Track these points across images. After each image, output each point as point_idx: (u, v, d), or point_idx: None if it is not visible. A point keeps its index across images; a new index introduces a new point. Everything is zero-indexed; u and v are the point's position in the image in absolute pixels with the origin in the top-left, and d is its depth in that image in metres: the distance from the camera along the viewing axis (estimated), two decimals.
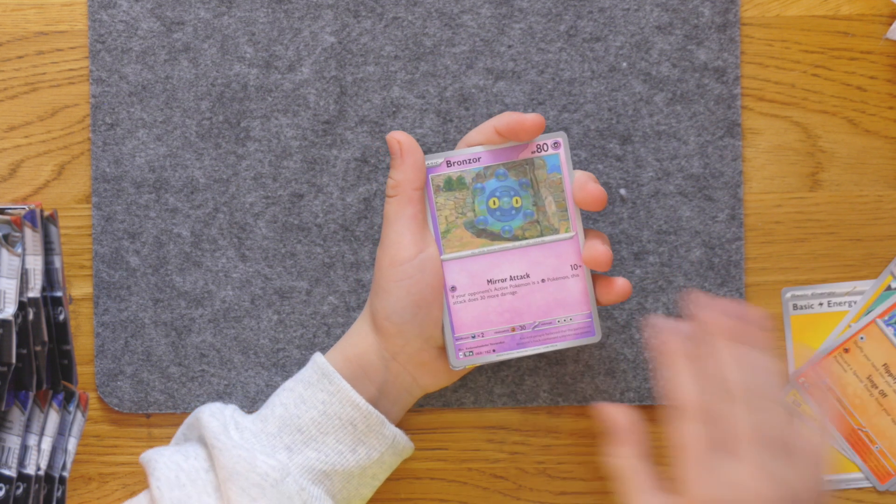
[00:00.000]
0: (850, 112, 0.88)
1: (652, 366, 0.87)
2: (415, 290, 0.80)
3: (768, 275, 0.88)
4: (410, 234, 0.80)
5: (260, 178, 0.88)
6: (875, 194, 0.88)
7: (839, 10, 0.88)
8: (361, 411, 0.81)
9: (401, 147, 0.81)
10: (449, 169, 0.81)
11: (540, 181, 0.82)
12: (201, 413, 0.82)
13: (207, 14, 0.88)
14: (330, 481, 0.81)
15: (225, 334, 0.88)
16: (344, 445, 0.81)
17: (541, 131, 0.80)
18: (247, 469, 0.79)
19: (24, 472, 0.83)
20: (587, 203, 0.81)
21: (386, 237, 0.81)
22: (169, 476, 0.80)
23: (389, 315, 0.80)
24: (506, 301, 0.82)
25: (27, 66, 0.88)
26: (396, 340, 0.81)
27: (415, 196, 0.81)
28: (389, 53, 0.88)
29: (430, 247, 0.81)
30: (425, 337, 0.81)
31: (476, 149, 0.81)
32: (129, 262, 0.88)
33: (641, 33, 0.87)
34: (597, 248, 0.81)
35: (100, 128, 0.88)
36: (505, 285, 0.82)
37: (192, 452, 0.81)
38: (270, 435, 0.81)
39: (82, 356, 0.88)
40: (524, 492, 0.88)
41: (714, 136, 0.87)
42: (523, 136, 0.80)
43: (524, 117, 0.80)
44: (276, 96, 0.88)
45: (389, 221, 0.81)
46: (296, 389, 0.82)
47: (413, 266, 0.80)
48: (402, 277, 0.80)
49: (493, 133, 0.81)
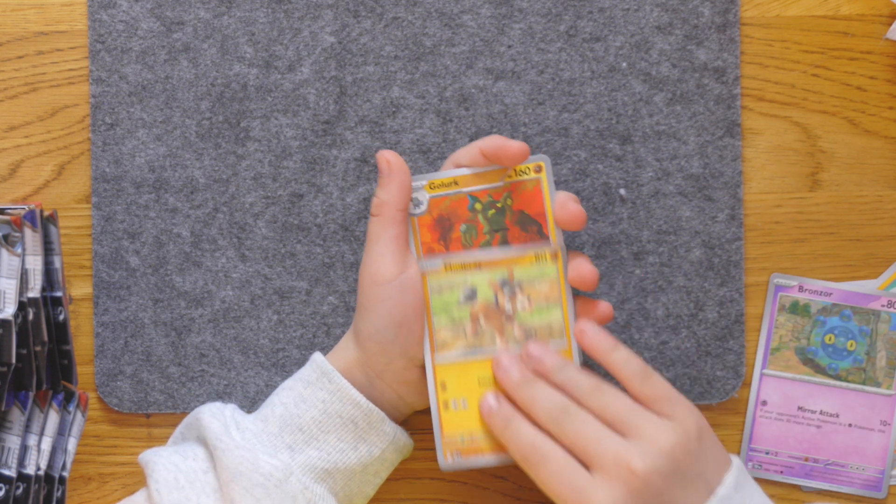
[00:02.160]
0: (850, 112, 0.88)
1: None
2: (396, 311, 0.80)
3: (768, 275, 0.88)
4: (391, 255, 0.80)
5: (260, 178, 0.88)
6: (875, 194, 0.88)
7: (839, 10, 0.88)
8: (362, 409, 0.81)
9: (390, 167, 0.81)
10: (800, 294, 0.84)
11: (879, 334, 0.84)
12: (201, 414, 0.82)
13: (207, 14, 0.88)
14: (332, 479, 0.81)
15: (225, 334, 0.88)
16: (345, 443, 0.81)
17: (524, 158, 0.80)
18: (250, 469, 0.79)
19: (24, 472, 0.83)
20: (568, 222, 0.80)
21: (367, 256, 0.81)
22: (167, 478, 0.80)
23: (372, 334, 0.81)
24: (807, 431, 0.85)
25: (27, 66, 0.88)
26: (380, 359, 0.81)
27: (398, 217, 0.81)
28: (389, 53, 0.88)
29: (410, 267, 0.81)
30: (409, 356, 0.81)
31: (455, 171, 0.81)
32: (129, 262, 0.88)
33: (641, 33, 0.87)
34: (584, 266, 0.80)
35: (100, 128, 0.88)
36: (812, 416, 0.85)
37: (190, 453, 0.81)
38: (272, 435, 0.81)
39: (82, 356, 0.88)
40: (524, 492, 0.88)
41: (714, 136, 0.87)
42: (506, 162, 0.80)
43: (508, 143, 0.80)
44: (276, 96, 0.88)
45: (371, 241, 0.81)
46: (295, 388, 0.82)
47: (393, 287, 0.80)
48: (383, 298, 0.80)
49: (478, 154, 0.81)
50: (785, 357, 0.84)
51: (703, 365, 0.87)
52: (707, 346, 0.87)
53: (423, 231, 0.81)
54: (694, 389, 0.87)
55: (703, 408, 0.88)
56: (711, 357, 0.87)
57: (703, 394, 0.87)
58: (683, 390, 0.87)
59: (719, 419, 0.88)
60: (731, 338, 0.87)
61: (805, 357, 0.84)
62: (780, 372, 0.83)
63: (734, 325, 0.87)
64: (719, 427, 0.87)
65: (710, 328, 0.87)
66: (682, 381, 0.87)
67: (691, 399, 0.87)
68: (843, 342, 0.84)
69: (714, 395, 0.87)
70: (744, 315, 0.87)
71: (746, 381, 0.88)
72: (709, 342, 0.87)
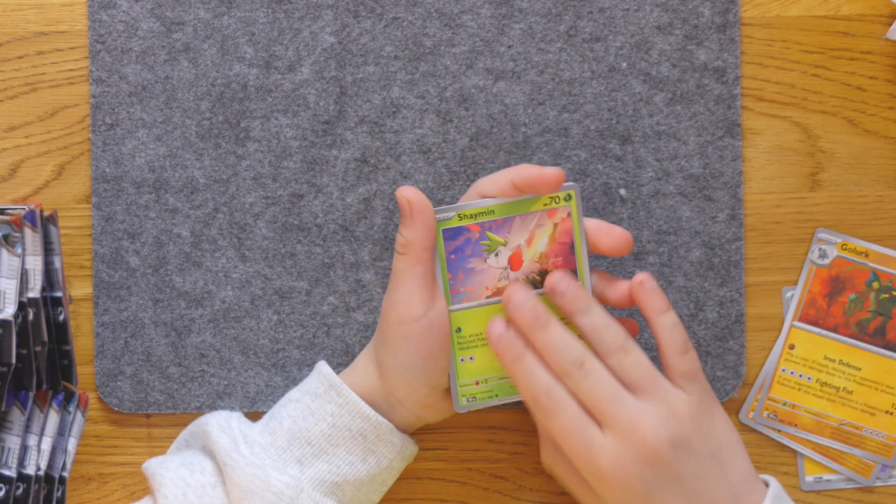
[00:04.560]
0: (849, 112, 0.88)
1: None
2: (423, 348, 0.80)
3: (768, 275, 0.88)
4: (419, 294, 0.79)
5: (260, 179, 0.88)
6: (875, 194, 0.88)
7: (839, 10, 0.88)
8: (371, 422, 0.81)
9: (411, 207, 0.79)
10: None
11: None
12: (209, 427, 0.82)
13: (207, 14, 0.88)
14: (342, 492, 0.81)
15: (225, 334, 0.88)
16: (354, 456, 0.81)
17: (561, 184, 0.79)
18: (261, 488, 0.79)
19: (24, 472, 0.83)
20: (617, 248, 0.79)
21: (393, 294, 0.80)
22: (176, 493, 0.80)
23: (396, 368, 0.80)
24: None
25: (27, 66, 0.88)
26: (403, 390, 0.81)
27: (424, 256, 0.79)
28: (389, 53, 0.88)
29: (437, 302, 0.80)
30: (433, 385, 0.81)
31: (488, 201, 0.80)
32: (129, 262, 0.88)
33: (641, 33, 0.87)
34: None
35: (100, 128, 0.88)
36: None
37: (197, 466, 0.81)
38: (280, 449, 0.81)
39: (82, 356, 0.88)
40: (524, 492, 0.88)
41: (714, 137, 0.87)
42: (543, 190, 0.79)
43: (544, 172, 0.78)
44: (276, 96, 0.88)
45: (398, 278, 0.80)
46: (303, 401, 0.82)
47: (422, 325, 0.79)
48: (410, 336, 0.79)
49: (509, 186, 0.79)
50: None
51: (703, 365, 0.87)
52: (707, 346, 0.87)
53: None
54: None
55: None
56: (711, 357, 0.87)
57: None
58: None
59: None
60: (731, 338, 0.87)
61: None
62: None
63: (734, 325, 0.87)
64: None
65: (710, 328, 0.87)
66: None
67: None
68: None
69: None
70: (744, 315, 0.87)
71: (748, 381, 0.88)
72: (709, 342, 0.87)
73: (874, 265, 0.86)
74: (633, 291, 0.78)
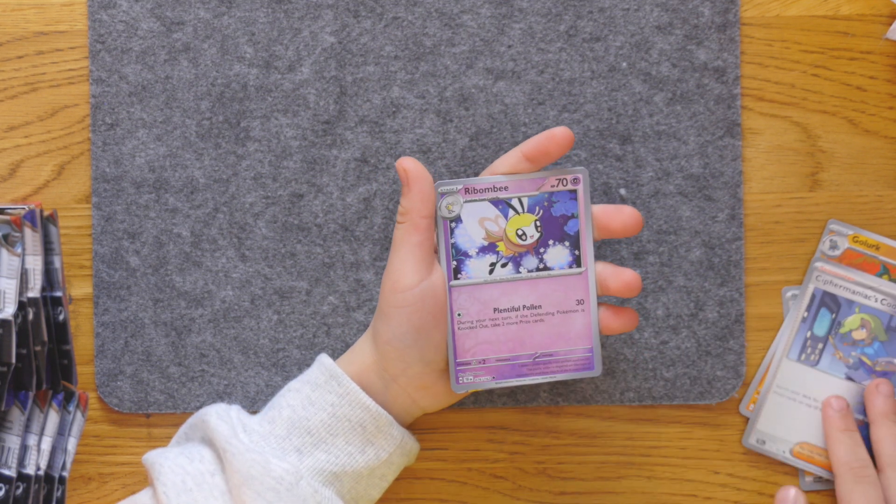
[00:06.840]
0: (849, 112, 0.88)
1: (651, 366, 0.87)
2: (415, 318, 0.80)
3: (768, 275, 0.88)
4: (414, 262, 0.80)
5: (260, 178, 0.88)
6: (875, 194, 0.88)
7: (839, 10, 0.88)
8: (371, 413, 0.81)
9: (407, 175, 0.80)
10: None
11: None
12: (208, 416, 0.82)
13: (207, 14, 0.88)
14: (340, 482, 0.81)
15: (225, 334, 0.88)
16: (353, 447, 0.81)
17: (571, 143, 0.80)
18: (261, 473, 0.79)
19: (24, 472, 0.83)
20: (628, 227, 0.80)
21: (390, 263, 0.81)
22: (175, 481, 0.80)
23: (390, 339, 0.80)
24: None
25: (27, 66, 0.88)
26: (398, 364, 0.81)
27: (422, 224, 0.80)
28: (389, 53, 0.88)
29: (433, 274, 0.81)
30: (426, 361, 0.81)
31: (498, 177, 0.81)
32: (129, 262, 0.88)
33: (641, 33, 0.87)
34: (626, 273, 0.81)
35: (100, 128, 0.88)
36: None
37: (196, 455, 0.81)
38: (279, 437, 0.81)
39: (82, 356, 0.88)
40: (524, 492, 0.88)
41: (714, 136, 0.87)
42: (554, 151, 0.80)
43: (552, 130, 0.80)
44: (276, 96, 0.88)
45: (395, 247, 0.81)
46: (303, 391, 0.82)
47: (414, 294, 0.80)
48: (402, 304, 0.80)
49: (520, 159, 0.80)
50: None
51: (703, 365, 0.87)
52: (707, 346, 0.87)
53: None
54: (694, 389, 0.87)
55: (702, 408, 0.88)
56: (711, 357, 0.87)
57: (703, 394, 0.87)
58: (683, 390, 0.87)
59: (719, 419, 0.88)
60: (731, 338, 0.87)
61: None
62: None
63: (734, 325, 0.87)
64: (719, 427, 0.88)
65: (710, 328, 0.87)
66: (682, 380, 0.87)
67: (691, 399, 0.87)
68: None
69: (714, 395, 0.87)
70: (744, 315, 0.87)
71: (746, 381, 0.88)
72: (709, 342, 0.87)
73: (885, 258, 0.86)
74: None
